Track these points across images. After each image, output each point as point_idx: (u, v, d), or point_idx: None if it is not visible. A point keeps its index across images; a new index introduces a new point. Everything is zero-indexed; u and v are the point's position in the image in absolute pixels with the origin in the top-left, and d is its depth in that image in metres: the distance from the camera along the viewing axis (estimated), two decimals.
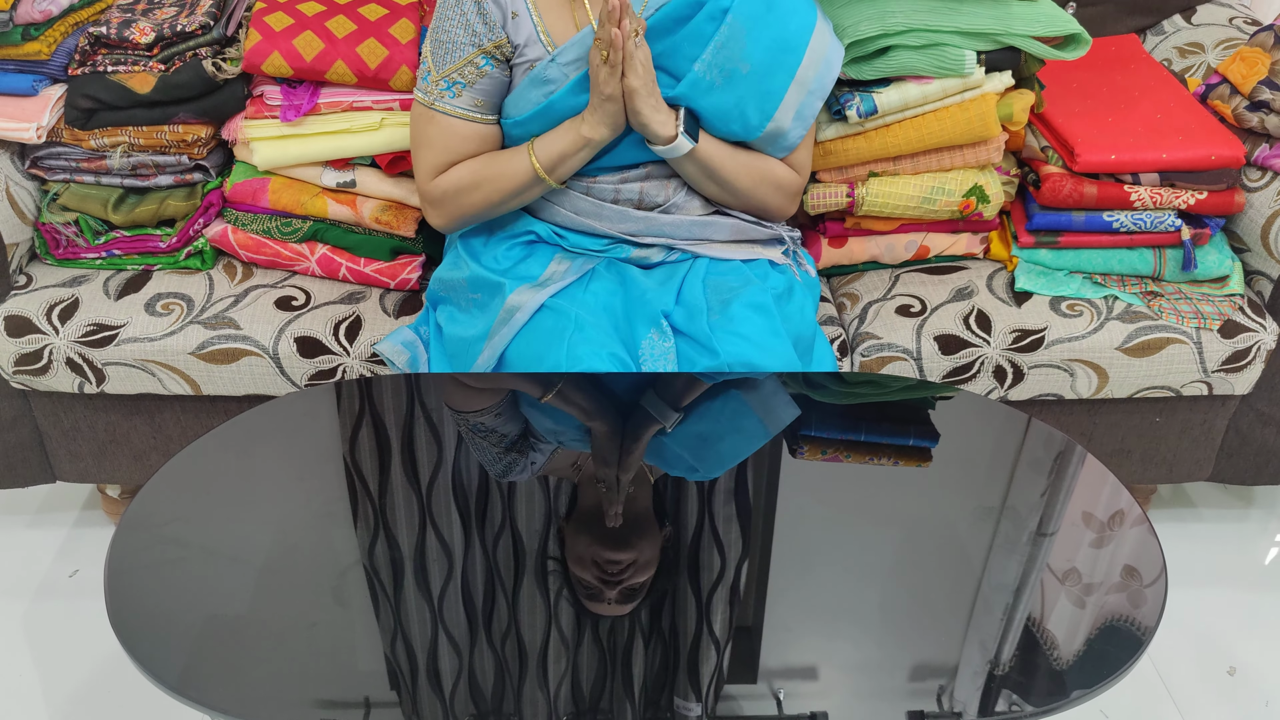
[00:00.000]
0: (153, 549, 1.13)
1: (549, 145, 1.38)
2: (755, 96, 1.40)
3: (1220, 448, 1.75)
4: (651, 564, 1.11)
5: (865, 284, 1.68)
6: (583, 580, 1.09)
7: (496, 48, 1.38)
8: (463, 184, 1.42)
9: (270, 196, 1.61)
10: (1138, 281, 1.65)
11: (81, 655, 1.65)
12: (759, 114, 1.42)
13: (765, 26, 1.38)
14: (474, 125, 1.42)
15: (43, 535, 1.87)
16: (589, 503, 1.18)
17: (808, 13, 1.42)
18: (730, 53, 1.37)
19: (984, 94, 1.55)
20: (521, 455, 1.25)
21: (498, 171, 1.41)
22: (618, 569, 1.10)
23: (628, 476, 1.20)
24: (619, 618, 1.06)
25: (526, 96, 1.40)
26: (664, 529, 1.15)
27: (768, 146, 1.46)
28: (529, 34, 1.38)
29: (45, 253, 1.64)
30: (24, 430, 1.67)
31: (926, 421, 1.33)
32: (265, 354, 1.55)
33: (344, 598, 1.09)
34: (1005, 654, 1.04)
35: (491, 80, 1.40)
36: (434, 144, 1.42)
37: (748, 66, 1.38)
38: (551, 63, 1.37)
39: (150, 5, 1.66)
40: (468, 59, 1.38)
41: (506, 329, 1.37)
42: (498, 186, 1.42)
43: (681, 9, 1.36)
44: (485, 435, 1.29)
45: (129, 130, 1.57)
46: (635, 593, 1.08)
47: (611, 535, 1.13)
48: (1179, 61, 1.91)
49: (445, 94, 1.40)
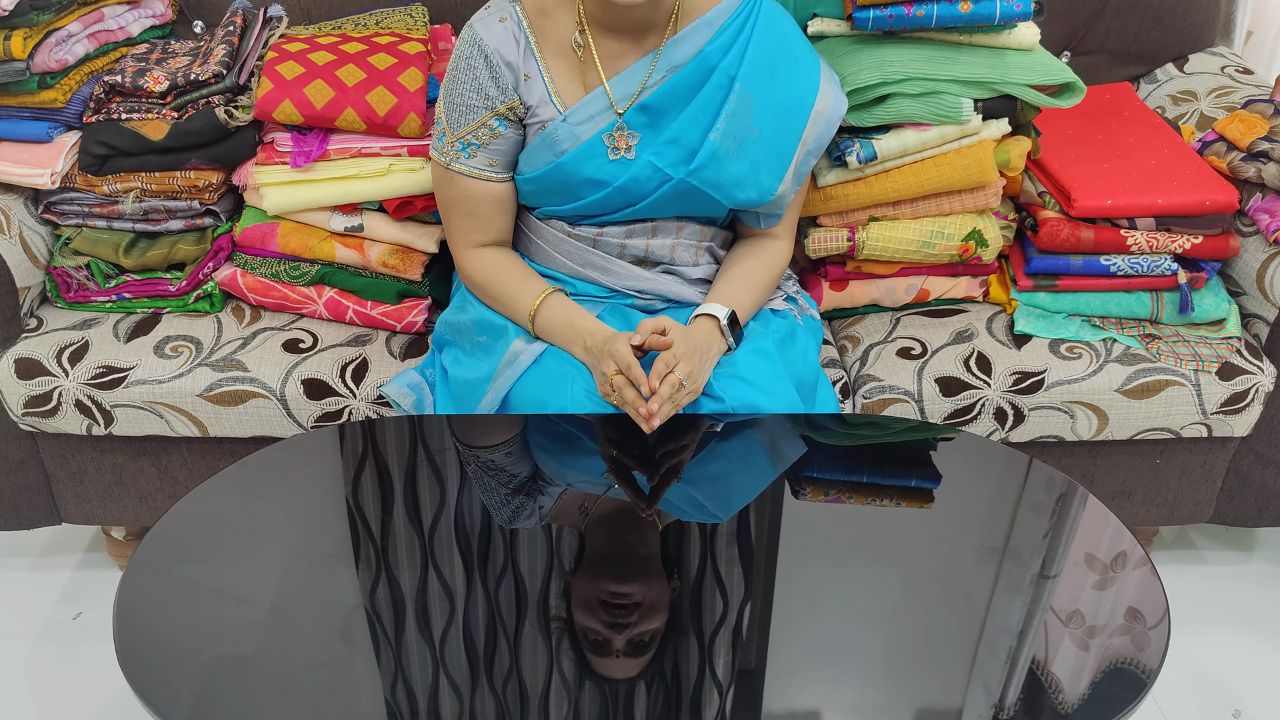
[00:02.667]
0: (161, 590, 1.13)
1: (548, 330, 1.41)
2: (768, 160, 1.43)
3: (1221, 489, 1.75)
4: (659, 611, 1.10)
5: (866, 327, 1.70)
6: (589, 630, 1.08)
7: (509, 110, 1.40)
8: (477, 281, 1.48)
9: (279, 241, 1.63)
10: (1136, 324, 1.67)
11: (85, 698, 1.64)
12: (771, 177, 1.44)
13: (771, 92, 1.40)
14: (490, 186, 1.44)
15: (46, 578, 1.87)
16: (595, 545, 1.18)
17: (811, 74, 1.44)
18: (741, 120, 1.39)
19: (981, 140, 1.57)
20: (529, 499, 1.25)
21: (506, 299, 1.45)
22: (626, 605, 1.09)
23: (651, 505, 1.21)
24: (619, 679, 1.05)
25: (539, 155, 1.42)
26: (672, 581, 1.15)
27: (772, 208, 1.48)
28: (541, 95, 1.40)
29: (56, 296, 1.66)
30: (31, 472, 1.68)
31: (928, 463, 1.33)
32: (273, 396, 1.56)
33: (351, 639, 1.09)
34: (1010, 697, 1.04)
35: (506, 140, 1.42)
36: (458, 207, 1.45)
37: (757, 133, 1.40)
38: (563, 123, 1.39)
39: (164, 54, 1.70)
40: (481, 121, 1.39)
41: (510, 371, 1.38)
42: (498, 306, 1.47)
43: (691, 77, 1.38)
44: (495, 474, 1.30)
45: (141, 176, 1.60)
46: (643, 647, 1.06)
47: (617, 570, 1.13)
48: (1172, 109, 1.94)
49: (461, 154, 1.41)
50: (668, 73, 1.39)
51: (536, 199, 1.47)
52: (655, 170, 1.40)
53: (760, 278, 1.49)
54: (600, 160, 1.40)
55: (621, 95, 1.39)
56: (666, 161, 1.40)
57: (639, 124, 1.40)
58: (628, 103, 1.39)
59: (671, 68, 1.39)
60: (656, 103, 1.39)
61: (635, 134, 1.40)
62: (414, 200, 1.61)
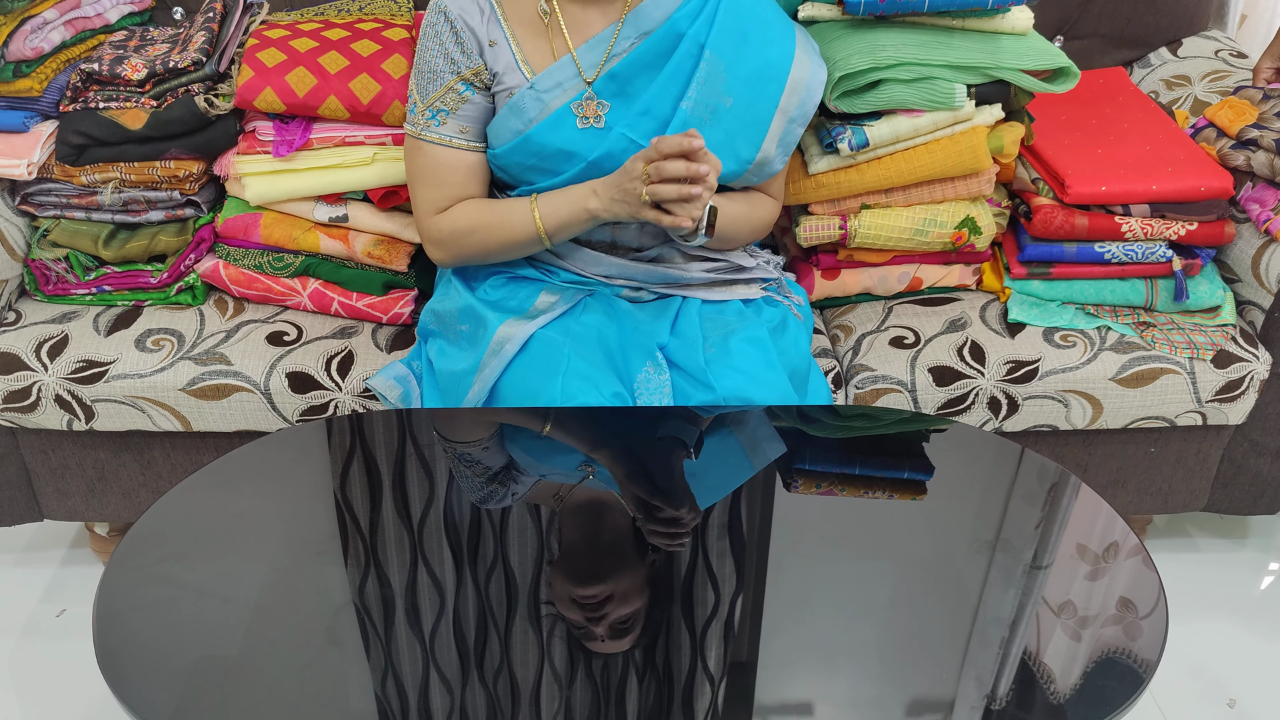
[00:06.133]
0: (143, 589, 1.11)
1: (554, 211, 1.37)
2: (743, 129, 1.41)
3: (1215, 477, 1.75)
4: (633, 595, 1.09)
5: (858, 316, 1.68)
6: (571, 620, 1.08)
7: (475, 74, 1.39)
8: (460, 228, 1.42)
9: (262, 232, 1.61)
10: (1130, 312, 1.66)
11: (68, 697, 1.63)
12: (749, 146, 1.42)
13: (742, 60, 1.39)
14: (460, 154, 1.42)
15: (29, 574, 1.85)
16: (565, 539, 1.17)
17: (785, 41, 1.43)
18: (713, 88, 1.38)
19: (974, 127, 1.56)
20: (502, 486, 1.24)
21: (498, 220, 1.40)
22: (594, 603, 1.08)
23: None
24: (612, 655, 1.05)
25: (506, 125, 1.40)
26: (648, 557, 1.14)
27: (753, 177, 1.46)
28: (508, 62, 1.39)
29: (35, 289, 1.64)
30: (11, 468, 1.66)
31: (921, 454, 1.32)
32: (257, 390, 1.54)
33: (337, 637, 1.07)
34: (1002, 688, 1.03)
35: (474, 106, 1.41)
36: (426, 177, 1.42)
37: (730, 100, 1.39)
38: (530, 89, 1.38)
39: (142, 42, 1.67)
40: (448, 86, 1.39)
41: (496, 361, 1.36)
42: (496, 236, 1.41)
43: (660, 44, 1.37)
44: (471, 465, 1.28)
45: (120, 166, 1.57)
46: (625, 628, 1.06)
47: (580, 570, 1.12)
48: (1166, 94, 1.93)
49: (431, 123, 1.40)
50: (636, 40, 1.38)
51: (514, 176, 1.44)
52: (630, 143, 1.38)
53: (747, 207, 1.47)
54: (569, 130, 1.38)
55: (589, 63, 1.38)
56: (640, 134, 1.38)
57: (609, 93, 1.38)
58: (595, 71, 1.38)
59: (640, 35, 1.38)
60: (625, 70, 1.37)
61: (605, 103, 1.38)
62: (399, 190, 1.59)
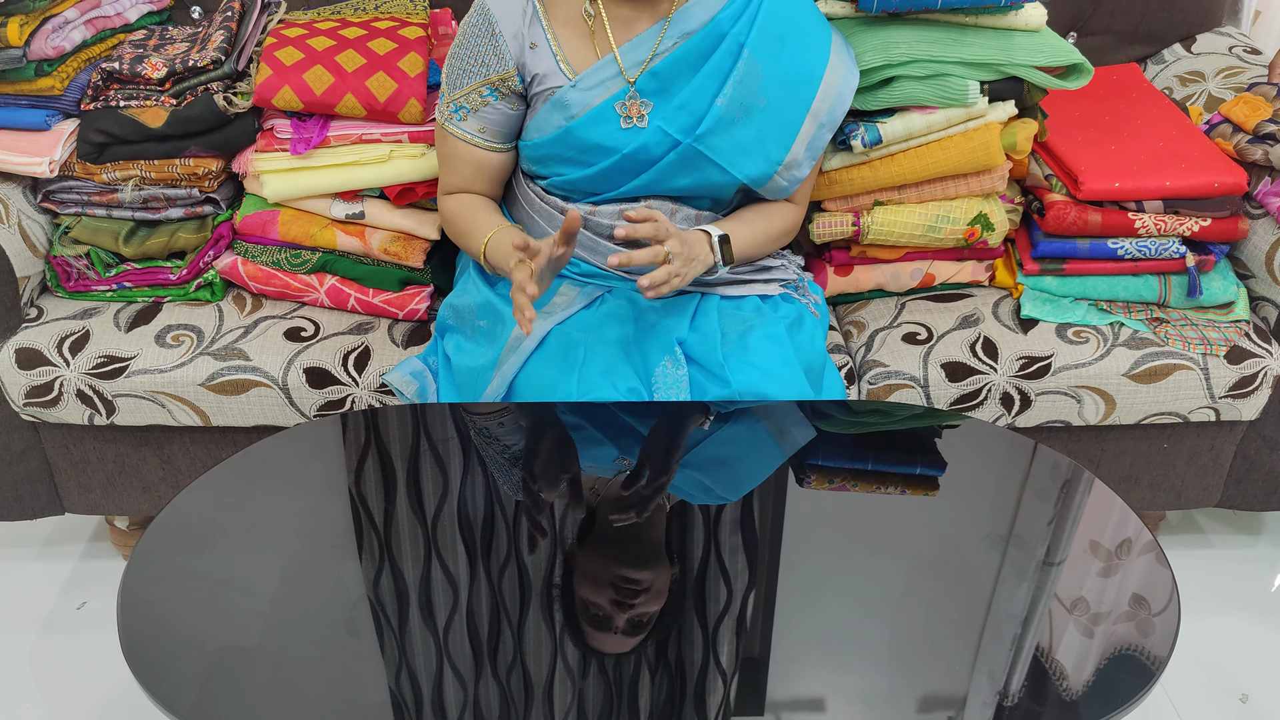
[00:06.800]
0: (164, 581, 1.13)
1: (498, 254, 1.39)
2: (775, 129, 1.43)
3: (1228, 473, 1.74)
4: (661, 595, 1.10)
5: (871, 312, 1.69)
6: (592, 604, 1.09)
7: (502, 80, 1.40)
8: (448, 214, 1.51)
9: (280, 228, 1.62)
10: (1143, 308, 1.65)
11: (89, 688, 1.65)
12: (778, 147, 1.44)
13: (779, 61, 1.41)
14: (475, 150, 1.46)
15: (50, 567, 1.87)
16: (607, 525, 1.18)
17: (822, 46, 1.45)
18: (748, 87, 1.40)
19: (988, 123, 1.56)
20: (532, 475, 1.25)
21: (467, 229, 1.47)
22: (632, 590, 1.09)
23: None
24: (611, 655, 1.06)
25: (548, 120, 1.42)
26: (673, 567, 1.15)
27: (780, 180, 1.47)
28: (550, 65, 1.41)
29: (56, 285, 1.66)
30: (33, 462, 1.68)
31: (934, 450, 1.33)
32: (275, 385, 1.56)
33: (354, 629, 1.09)
34: (1014, 685, 1.04)
35: (495, 111, 1.43)
36: (443, 160, 1.50)
37: (764, 101, 1.41)
38: (573, 89, 1.40)
39: (162, 41, 1.69)
40: (472, 87, 1.42)
41: (515, 357, 1.37)
42: (461, 240, 1.50)
43: (702, 44, 1.39)
44: (506, 455, 1.30)
45: (140, 164, 1.59)
46: (642, 625, 1.07)
47: (632, 555, 1.13)
48: (1180, 90, 1.92)
49: (453, 116, 1.45)
50: (679, 40, 1.40)
51: (546, 165, 1.47)
52: (664, 135, 1.40)
53: (764, 224, 1.49)
54: (611, 127, 1.40)
55: (632, 63, 1.40)
56: (675, 127, 1.40)
57: (651, 91, 1.40)
58: (638, 70, 1.40)
59: (682, 35, 1.40)
60: (667, 69, 1.39)
61: (648, 102, 1.41)
62: (415, 187, 1.60)
